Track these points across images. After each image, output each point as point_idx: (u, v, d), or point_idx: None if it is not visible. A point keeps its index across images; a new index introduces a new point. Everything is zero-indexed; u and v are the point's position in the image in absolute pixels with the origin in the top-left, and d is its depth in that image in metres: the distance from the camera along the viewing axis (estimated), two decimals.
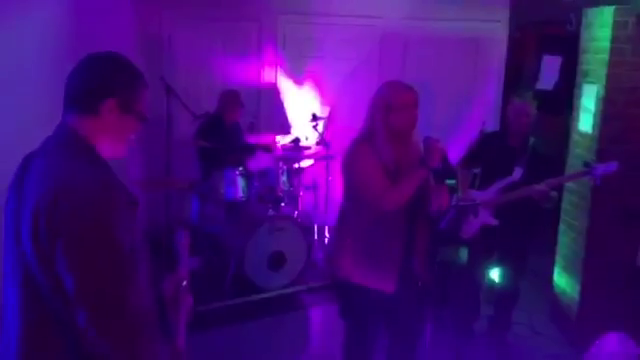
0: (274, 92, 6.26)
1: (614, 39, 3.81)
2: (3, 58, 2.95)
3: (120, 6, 5.54)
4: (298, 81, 6.27)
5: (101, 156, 1.59)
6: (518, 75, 6.32)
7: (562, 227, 4.45)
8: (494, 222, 3.60)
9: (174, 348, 1.71)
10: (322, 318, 4.66)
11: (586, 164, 3.64)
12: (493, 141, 3.79)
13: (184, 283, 1.80)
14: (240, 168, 4.98)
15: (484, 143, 3.82)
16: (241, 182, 4.93)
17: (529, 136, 3.69)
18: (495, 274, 4.02)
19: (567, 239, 4.36)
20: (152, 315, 1.59)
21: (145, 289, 1.54)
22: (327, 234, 5.62)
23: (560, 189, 3.60)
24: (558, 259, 4.49)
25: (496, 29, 6.27)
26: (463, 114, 6.01)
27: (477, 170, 3.87)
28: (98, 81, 1.58)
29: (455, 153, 3.90)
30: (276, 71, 6.23)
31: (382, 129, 2.68)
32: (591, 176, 3.53)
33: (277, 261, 4.81)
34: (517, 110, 3.65)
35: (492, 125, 5.81)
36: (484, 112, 6.15)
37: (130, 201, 1.56)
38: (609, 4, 3.92)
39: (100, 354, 1.45)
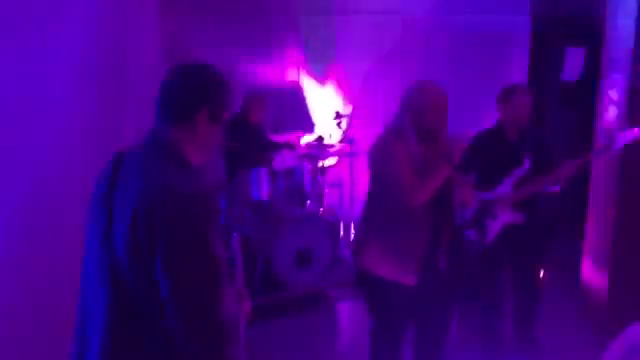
0: (297, 91, 6.31)
1: (639, 27, 3.77)
2: (30, 67, 3.03)
3: (145, 15, 5.62)
4: (321, 79, 6.31)
5: (192, 165, 1.65)
6: (542, 67, 6.27)
7: (590, 219, 4.42)
8: (520, 218, 3.52)
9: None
10: (350, 313, 4.70)
11: (607, 138, 3.60)
12: (489, 139, 3.64)
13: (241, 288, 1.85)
14: (265, 168, 5.04)
15: (481, 143, 3.67)
16: (267, 182, 4.99)
17: (527, 126, 3.58)
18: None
19: (595, 231, 4.33)
20: (236, 323, 1.64)
21: (231, 298, 1.59)
22: (353, 230, 5.65)
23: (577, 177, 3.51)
24: (585, 252, 4.46)
25: (518, 22, 6.22)
26: (488, 109, 5.97)
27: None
28: (195, 91, 1.65)
29: None
30: (299, 70, 6.28)
31: (411, 129, 2.71)
32: (614, 146, 3.43)
33: (304, 259, 4.86)
34: (518, 106, 3.52)
35: None
36: None
37: (217, 211, 1.62)
38: None
39: (187, 357, 1.50)
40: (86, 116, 3.63)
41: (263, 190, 4.98)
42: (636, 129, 3.42)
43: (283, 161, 5.87)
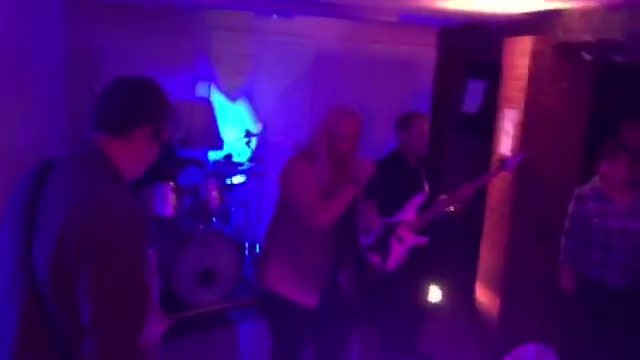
0: (207, 107, 6.24)
1: (532, 67, 4.04)
2: None
3: (50, 15, 5.40)
4: (232, 97, 6.27)
5: (125, 180, 1.60)
6: (445, 97, 6.57)
7: (483, 244, 4.64)
8: (424, 240, 3.62)
9: None
10: (252, 334, 4.65)
11: (499, 160, 4.00)
12: (391, 164, 3.71)
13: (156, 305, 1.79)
14: (171, 183, 4.92)
15: (383, 169, 3.77)
16: (172, 197, 4.87)
17: (426, 150, 3.77)
18: (433, 292, 4.10)
19: (488, 256, 4.54)
20: (155, 350, 1.63)
21: (153, 325, 1.58)
22: (258, 250, 5.62)
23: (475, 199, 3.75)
24: (480, 275, 4.67)
25: (425, 53, 6.50)
26: (393, 134, 6.17)
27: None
28: (135, 107, 1.61)
29: None
30: (210, 86, 6.22)
31: (323, 153, 2.75)
32: (505, 169, 3.85)
33: (207, 277, 4.77)
34: (418, 132, 3.67)
35: None
36: None
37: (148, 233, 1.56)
38: (528, 34, 4.16)
39: None
40: None
41: (168, 206, 4.85)
42: (521, 154, 3.87)
43: (189, 177, 5.76)
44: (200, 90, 6.19)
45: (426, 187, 3.66)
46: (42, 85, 4.55)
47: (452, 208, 3.69)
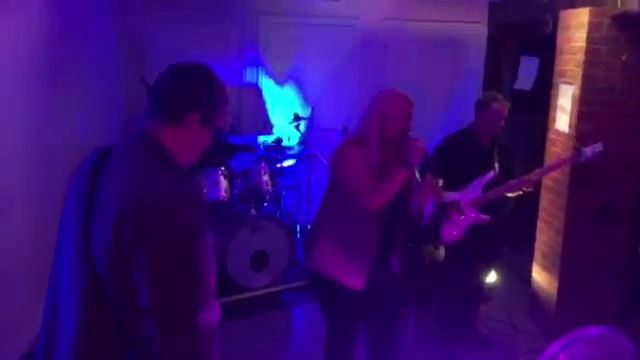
0: (256, 92, 6.28)
1: (589, 40, 3.89)
2: None
3: (101, 7, 5.52)
4: (280, 81, 6.29)
5: (180, 166, 1.62)
6: (497, 75, 6.41)
7: (540, 224, 4.53)
8: (486, 218, 3.55)
9: None
10: (305, 316, 4.69)
11: (575, 147, 3.72)
12: (464, 140, 3.75)
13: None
14: (222, 168, 4.98)
15: (454, 145, 3.76)
16: (223, 182, 4.93)
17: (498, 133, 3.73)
18: (490, 275, 4.04)
19: (544, 236, 4.44)
20: (213, 334, 1.64)
21: (210, 308, 1.59)
22: (308, 233, 5.64)
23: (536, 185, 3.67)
24: (536, 256, 4.58)
25: (475, 30, 6.34)
26: (443, 114, 6.07)
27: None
28: (187, 93, 1.62)
29: None
30: (257, 72, 6.25)
31: (375, 136, 2.72)
32: (581, 159, 3.61)
33: (260, 261, 4.83)
34: (497, 115, 3.65)
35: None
36: (464, 111, 6.22)
37: (207, 220, 1.58)
38: (584, 6, 4.00)
39: None
40: (36, 114, 3.55)
41: (219, 191, 4.92)
42: (599, 143, 3.61)
43: (240, 162, 5.82)
44: (248, 75, 6.24)
45: (496, 166, 3.62)
46: (96, 74, 4.67)
47: (522, 191, 3.63)
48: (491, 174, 3.57)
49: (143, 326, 1.42)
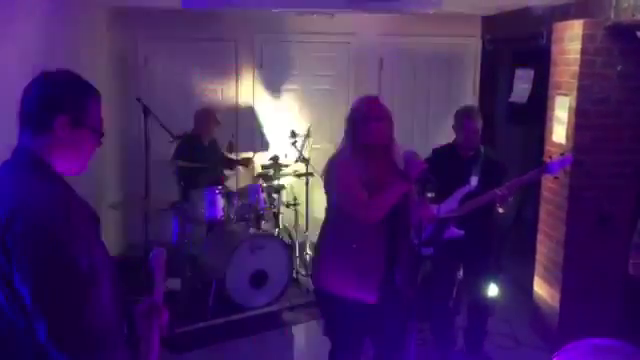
0: (252, 111, 6.28)
1: (584, 52, 3.91)
2: None
3: (95, 27, 5.55)
4: (276, 99, 6.30)
5: (57, 173, 1.59)
6: (492, 88, 6.43)
7: (540, 237, 4.51)
8: (460, 233, 3.59)
9: None
10: (306, 335, 4.65)
11: (542, 162, 3.73)
12: (444, 155, 3.76)
13: (158, 300, 1.79)
14: (219, 187, 4.97)
15: (435, 159, 3.76)
16: (221, 201, 4.91)
17: (479, 146, 3.71)
18: (491, 289, 4.01)
19: (545, 249, 4.42)
20: (115, 330, 1.58)
21: (107, 304, 1.54)
22: (309, 251, 5.62)
23: (524, 192, 3.63)
24: (537, 268, 4.55)
25: (470, 44, 6.38)
26: (440, 127, 6.08)
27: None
28: (47, 98, 1.59)
29: None
30: (253, 89, 6.26)
31: (357, 143, 2.74)
32: (548, 173, 3.60)
33: (259, 279, 4.79)
34: (468, 129, 3.64)
35: None
36: None
37: (90, 217, 1.57)
38: (577, 18, 4.02)
39: None
40: None
41: (217, 210, 4.90)
42: (569, 157, 3.64)
43: (237, 181, 5.81)
44: (244, 93, 6.24)
45: (473, 180, 3.59)
46: None
47: (500, 208, 3.59)
48: (466, 188, 3.57)
49: (36, 333, 1.43)
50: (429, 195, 2.78)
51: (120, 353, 1.56)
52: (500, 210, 3.60)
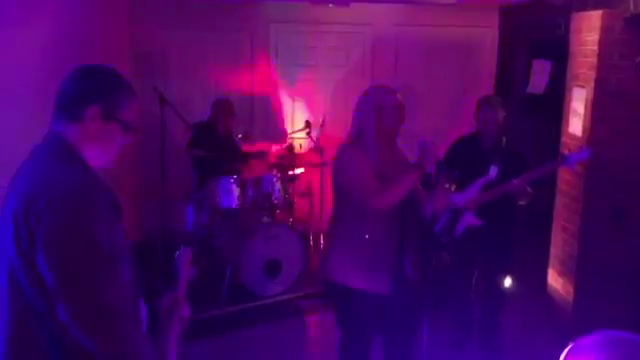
0: (267, 100, 6.30)
1: (602, 43, 3.86)
2: (5, 66, 2.97)
3: (115, 17, 5.58)
4: (291, 89, 6.31)
5: (85, 160, 1.62)
6: (509, 79, 6.38)
7: (555, 230, 4.49)
8: (478, 222, 3.59)
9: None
10: (319, 324, 4.68)
11: (561, 155, 3.71)
12: (466, 144, 3.82)
13: (181, 296, 1.81)
14: (234, 176, 5.00)
15: (458, 147, 3.84)
16: (236, 190, 4.94)
17: (501, 136, 3.71)
18: (506, 281, 4.01)
19: (560, 241, 4.40)
20: (133, 309, 1.62)
21: (126, 285, 1.58)
22: (322, 240, 5.64)
23: (539, 184, 3.60)
24: (552, 261, 4.53)
25: (486, 34, 6.33)
26: (455, 118, 6.06)
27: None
28: (81, 89, 1.63)
29: None
30: (269, 79, 6.27)
31: (371, 131, 2.74)
32: (565, 164, 3.61)
33: (273, 268, 4.82)
34: (486, 119, 3.67)
35: None
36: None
37: (113, 204, 1.59)
38: (596, 8, 3.98)
39: (83, 349, 1.49)
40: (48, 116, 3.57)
41: (232, 199, 4.93)
42: (587, 151, 3.60)
43: (252, 170, 5.83)
44: (260, 83, 6.26)
45: (493, 170, 3.58)
46: None
47: (520, 200, 3.59)
48: (485, 178, 3.55)
49: (56, 312, 1.47)
50: (447, 185, 2.79)
51: (139, 334, 1.59)
52: (521, 202, 3.59)
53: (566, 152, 3.72)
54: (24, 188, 1.52)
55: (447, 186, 2.95)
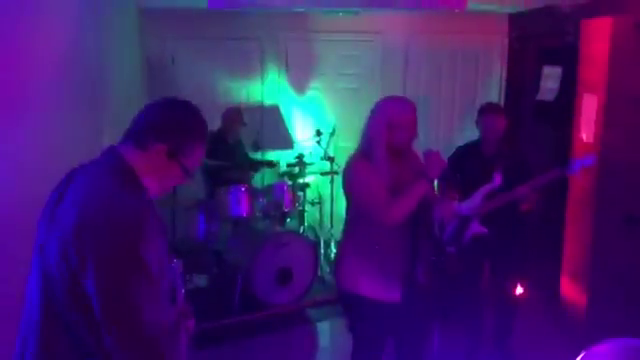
0: (277, 109, 6.32)
1: (612, 49, 3.85)
2: (16, 77, 3.00)
3: (125, 27, 5.63)
4: (301, 97, 6.33)
5: (143, 185, 1.64)
6: (519, 86, 6.37)
7: (567, 236, 4.46)
8: (484, 230, 3.58)
9: None
10: (330, 332, 4.67)
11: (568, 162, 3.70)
12: (468, 152, 3.79)
13: (184, 309, 1.82)
14: (245, 185, 5.02)
15: (460, 155, 3.82)
16: (246, 199, 4.96)
17: (503, 143, 3.69)
18: (517, 288, 4.00)
19: (572, 248, 4.37)
20: (173, 335, 1.62)
21: (168, 310, 1.59)
22: (333, 248, 5.64)
23: (546, 190, 3.59)
24: (564, 268, 4.50)
25: (496, 41, 6.33)
26: (465, 126, 6.05)
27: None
28: (157, 123, 1.65)
29: None
30: (279, 87, 6.29)
31: (382, 146, 2.71)
32: (569, 171, 3.56)
33: (284, 277, 4.82)
34: (486, 125, 3.65)
35: None
36: None
37: (162, 230, 1.61)
38: (606, 15, 3.96)
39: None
40: (63, 120, 3.60)
41: (243, 207, 4.95)
42: (591, 158, 3.59)
43: (262, 179, 5.85)
44: (270, 91, 6.29)
45: (497, 179, 3.57)
46: (117, 98, 4.75)
47: (524, 207, 3.57)
48: (490, 186, 3.54)
49: (103, 339, 1.47)
50: (452, 194, 2.78)
51: (174, 353, 1.60)
52: (524, 208, 3.57)
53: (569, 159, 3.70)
54: (79, 204, 1.52)
55: (453, 195, 2.95)
